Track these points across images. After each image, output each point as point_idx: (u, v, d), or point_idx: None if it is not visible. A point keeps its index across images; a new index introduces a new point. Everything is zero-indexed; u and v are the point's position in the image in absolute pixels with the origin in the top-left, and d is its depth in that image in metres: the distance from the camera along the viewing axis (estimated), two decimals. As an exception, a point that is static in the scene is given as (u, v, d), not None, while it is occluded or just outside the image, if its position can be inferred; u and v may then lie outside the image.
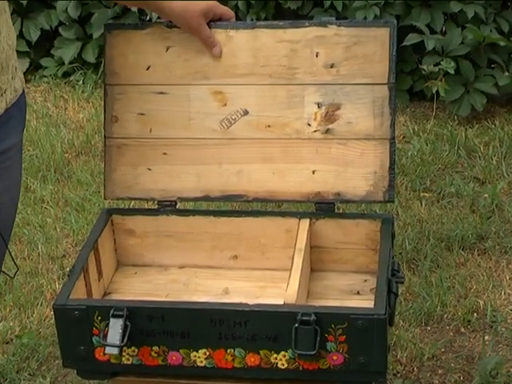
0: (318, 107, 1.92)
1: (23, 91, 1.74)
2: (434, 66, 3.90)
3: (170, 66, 1.95)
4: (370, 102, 1.90)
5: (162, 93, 1.96)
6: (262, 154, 1.95)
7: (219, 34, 1.92)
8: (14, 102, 1.69)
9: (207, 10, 1.88)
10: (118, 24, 1.96)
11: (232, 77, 1.93)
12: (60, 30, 4.58)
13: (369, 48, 1.88)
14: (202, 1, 1.88)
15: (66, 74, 4.59)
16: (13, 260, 1.79)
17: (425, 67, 3.91)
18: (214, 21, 1.91)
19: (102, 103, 2.02)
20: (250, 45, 1.92)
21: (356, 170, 1.91)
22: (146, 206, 3.00)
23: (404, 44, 3.91)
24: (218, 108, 1.95)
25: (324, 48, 1.90)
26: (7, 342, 2.74)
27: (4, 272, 1.80)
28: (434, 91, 3.88)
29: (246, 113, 1.94)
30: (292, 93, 1.92)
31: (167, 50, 1.94)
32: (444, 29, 4.11)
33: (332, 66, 1.90)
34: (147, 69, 1.96)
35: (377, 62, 1.89)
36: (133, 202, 3.01)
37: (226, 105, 1.94)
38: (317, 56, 1.91)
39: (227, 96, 1.94)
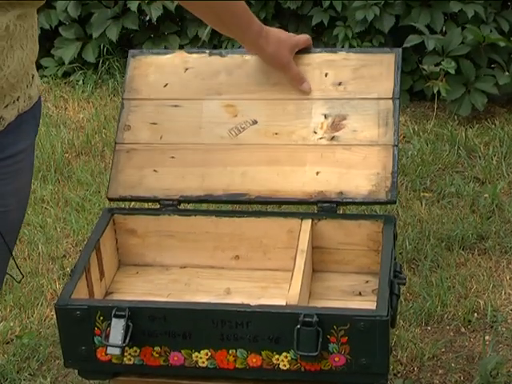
0: (325, 118, 1.97)
1: (39, 98, 1.72)
2: (435, 66, 3.90)
3: (187, 83, 2.03)
4: (375, 114, 1.96)
5: (176, 106, 2.03)
6: (267, 157, 1.98)
7: (236, 58, 2.02)
8: (28, 109, 1.67)
9: (294, 47, 1.98)
10: (141, 51, 2.08)
11: (244, 93, 2.01)
12: (60, 29, 4.58)
13: (375, 70, 1.98)
14: (290, 39, 1.98)
15: (66, 74, 4.59)
16: (18, 268, 1.79)
17: (425, 67, 3.92)
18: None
19: (103, 103, 2.03)
20: (264, 67, 2.00)
21: (359, 172, 1.93)
22: (148, 207, 3.00)
23: (405, 46, 3.91)
24: (228, 118, 2.01)
25: (333, 70, 2.00)
26: (7, 342, 2.74)
27: (9, 274, 1.80)
28: (435, 91, 3.89)
29: (255, 122, 1.99)
30: (300, 106, 1.99)
31: (185, 70, 2.04)
32: (444, 29, 4.11)
33: (340, 84, 1.99)
34: (164, 86, 2.03)
35: (382, 81, 1.97)
36: (134, 202, 3.01)
37: (236, 116, 2.00)
38: (326, 76, 1.99)
39: (238, 108, 2.01)
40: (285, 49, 1.96)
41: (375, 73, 1.98)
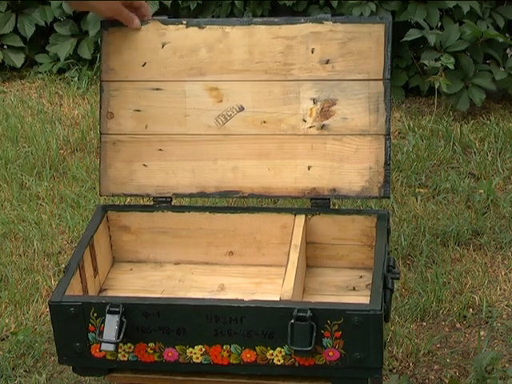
0: (314, 103, 1.92)
1: None
2: (434, 61, 3.90)
3: (166, 62, 1.95)
4: (365, 98, 1.90)
5: (157, 89, 1.96)
6: (257, 149, 1.95)
7: (215, 31, 1.92)
8: None
9: None
10: (113, 21, 1.95)
11: (227, 73, 1.93)
12: (55, 26, 4.58)
13: (364, 44, 1.89)
14: None
15: (61, 71, 4.59)
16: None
17: (426, 63, 3.91)
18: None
19: (98, 99, 2.01)
20: (245, 41, 1.91)
21: (351, 166, 1.92)
22: (142, 203, 3.00)
23: (405, 39, 3.92)
24: (213, 104, 1.95)
25: (319, 44, 1.90)
26: (3, 339, 2.74)
27: None
28: (436, 87, 3.87)
29: (241, 109, 1.94)
30: (287, 89, 1.92)
31: (163, 46, 1.94)
32: (440, 24, 4.11)
33: (327, 62, 1.90)
34: (143, 65, 1.95)
35: (372, 58, 1.89)
36: (128, 199, 3.01)
37: (221, 101, 1.94)
38: (312, 52, 1.90)
39: (223, 92, 1.94)
40: None
41: (364, 47, 1.89)
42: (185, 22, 1.93)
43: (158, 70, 1.95)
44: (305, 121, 1.93)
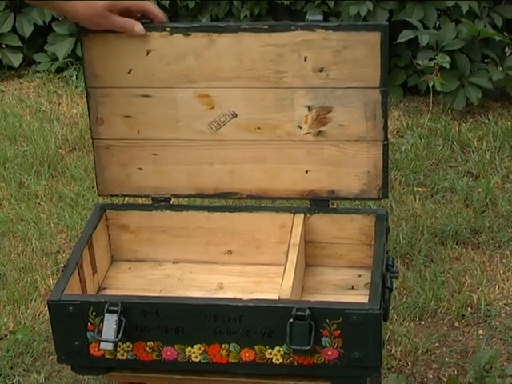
0: (309, 110, 1.88)
1: None
2: (429, 60, 3.90)
3: (153, 69, 1.89)
4: (362, 106, 1.86)
5: (146, 96, 1.91)
6: (253, 154, 1.93)
7: (202, 38, 1.85)
8: None
9: (111, 5, 1.79)
10: None
11: (218, 80, 1.88)
12: (53, 25, 4.57)
13: (359, 52, 1.81)
14: None
15: (60, 70, 4.58)
16: None
17: (420, 62, 3.91)
18: (123, 14, 1.83)
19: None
20: (234, 49, 1.85)
21: (349, 170, 1.91)
22: (140, 202, 3.00)
23: (399, 41, 3.92)
24: (205, 111, 1.91)
25: (312, 52, 1.83)
26: (1, 338, 2.74)
27: None
28: (430, 86, 3.88)
29: (234, 115, 1.91)
30: (281, 96, 1.88)
31: (148, 53, 1.88)
32: (437, 24, 4.12)
33: (321, 70, 1.84)
34: (129, 72, 1.90)
35: (368, 67, 1.83)
36: (127, 198, 3.01)
37: (213, 107, 1.91)
38: (305, 60, 1.84)
39: (214, 99, 1.90)
40: (98, 7, 1.77)
41: (359, 56, 1.81)
42: (168, 29, 1.86)
43: (144, 77, 1.90)
44: (300, 127, 1.90)
